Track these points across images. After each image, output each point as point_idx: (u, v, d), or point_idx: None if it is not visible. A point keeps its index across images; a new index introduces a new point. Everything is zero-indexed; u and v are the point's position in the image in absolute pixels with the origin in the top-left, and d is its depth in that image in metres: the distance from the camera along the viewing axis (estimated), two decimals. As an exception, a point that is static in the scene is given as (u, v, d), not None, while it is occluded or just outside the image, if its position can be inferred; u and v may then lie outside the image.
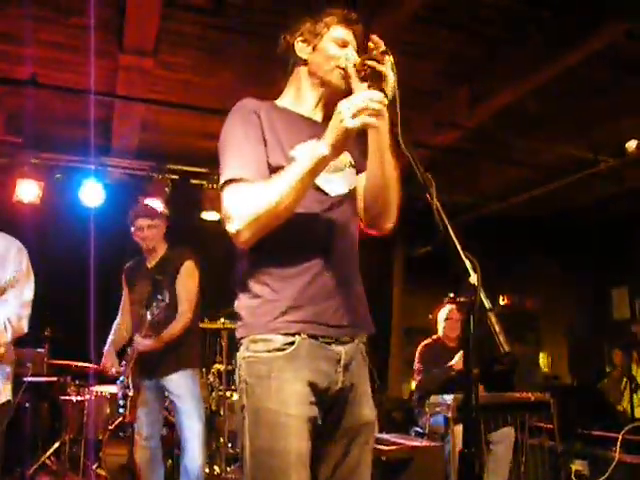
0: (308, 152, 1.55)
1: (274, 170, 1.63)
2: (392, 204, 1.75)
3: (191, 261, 3.86)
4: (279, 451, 1.53)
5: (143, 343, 3.75)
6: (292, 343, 1.59)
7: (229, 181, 1.62)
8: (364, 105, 1.43)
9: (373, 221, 1.80)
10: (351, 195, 1.78)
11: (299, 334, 1.60)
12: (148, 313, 3.76)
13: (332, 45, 1.77)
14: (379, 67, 1.53)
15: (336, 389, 1.65)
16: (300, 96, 1.83)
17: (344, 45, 1.77)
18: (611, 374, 7.19)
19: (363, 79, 1.63)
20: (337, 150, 1.50)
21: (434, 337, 4.82)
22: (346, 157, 1.80)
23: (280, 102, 1.85)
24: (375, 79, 1.54)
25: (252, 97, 1.77)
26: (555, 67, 4.21)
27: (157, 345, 3.71)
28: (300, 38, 1.80)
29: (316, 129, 1.71)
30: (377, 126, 1.49)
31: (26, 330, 2.89)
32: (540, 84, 4.44)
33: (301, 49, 1.80)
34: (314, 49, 1.78)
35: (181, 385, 3.71)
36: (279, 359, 1.58)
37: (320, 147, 1.50)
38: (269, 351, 1.59)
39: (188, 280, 3.83)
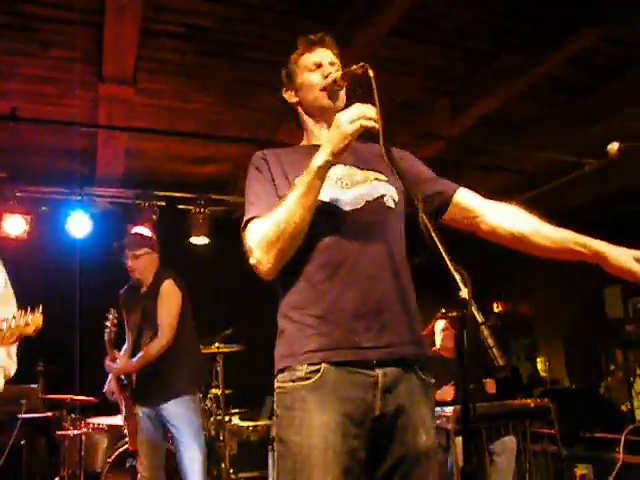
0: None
1: None
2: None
3: (169, 280, 3.75)
4: None
5: (111, 367, 3.75)
6: (317, 371, 1.53)
7: (247, 221, 1.67)
8: (359, 111, 1.52)
9: (488, 231, 1.92)
10: (374, 206, 1.69)
11: (324, 362, 1.54)
12: (105, 333, 3.77)
13: (307, 74, 1.81)
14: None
15: (375, 416, 1.54)
16: (310, 134, 1.88)
17: (318, 66, 1.80)
18: (615, 373, 7.17)
19: (348, 91, 1.71)
20: (336, 156, 1.55)
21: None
22: (369, 174, 1.75)
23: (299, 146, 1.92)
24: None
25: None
26: (535, 74, 4.25)
27: (123, 369, 3.71)
28: (284, 88, 1.88)
29: None
30: (375, 128, 1.51)
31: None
32: (521, 91, 4.48)
33: (289, 97, 1.88)
34: (297, 90, 1.84)
35: (177, 415, 3.60)
36: (303, 389, 1.54)
37: (316, 159, 1.55)
38: (293, 381, 1.56)
39: (167, 300, 3.71)
